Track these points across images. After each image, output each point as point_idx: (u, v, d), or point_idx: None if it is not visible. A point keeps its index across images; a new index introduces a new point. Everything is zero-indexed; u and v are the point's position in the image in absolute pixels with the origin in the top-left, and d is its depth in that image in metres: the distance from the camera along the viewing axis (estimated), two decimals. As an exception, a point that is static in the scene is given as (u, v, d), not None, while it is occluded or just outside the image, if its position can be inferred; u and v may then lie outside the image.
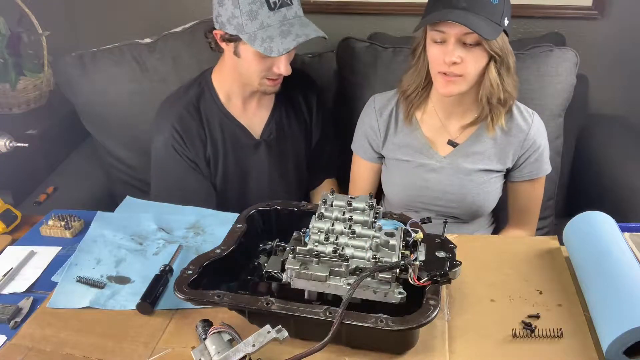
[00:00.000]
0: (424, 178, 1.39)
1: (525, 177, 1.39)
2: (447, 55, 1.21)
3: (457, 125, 1.38)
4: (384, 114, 1.43)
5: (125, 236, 1.19)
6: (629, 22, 1.82)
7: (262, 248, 1.08)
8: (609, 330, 0.84)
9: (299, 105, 1.54)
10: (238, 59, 1.35)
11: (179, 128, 1.41)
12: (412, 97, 1.37)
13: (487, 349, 0.89)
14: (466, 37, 1.19)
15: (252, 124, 1.48)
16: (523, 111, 1.37)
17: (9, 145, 1.30)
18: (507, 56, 1.24)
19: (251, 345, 0.80)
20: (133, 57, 1.71)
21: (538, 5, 1.84)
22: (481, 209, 1.40)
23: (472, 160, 1.37)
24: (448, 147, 1.38)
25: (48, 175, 1.80)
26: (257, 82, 1.37)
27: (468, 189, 1.37)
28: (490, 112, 1.31)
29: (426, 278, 0.87)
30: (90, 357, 0.91)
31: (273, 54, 1.26)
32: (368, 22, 1.94)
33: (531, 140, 1.35)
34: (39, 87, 1.95)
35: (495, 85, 1.25)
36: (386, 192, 1.49)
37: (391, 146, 1.43)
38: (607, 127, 1.85)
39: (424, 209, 1.43)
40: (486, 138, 1.36)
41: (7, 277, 1.09)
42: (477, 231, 1.48)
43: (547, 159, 1.40)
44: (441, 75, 1.24)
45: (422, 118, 1.40)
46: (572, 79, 1.60)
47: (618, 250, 0.98)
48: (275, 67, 1.33)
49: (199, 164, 1.44)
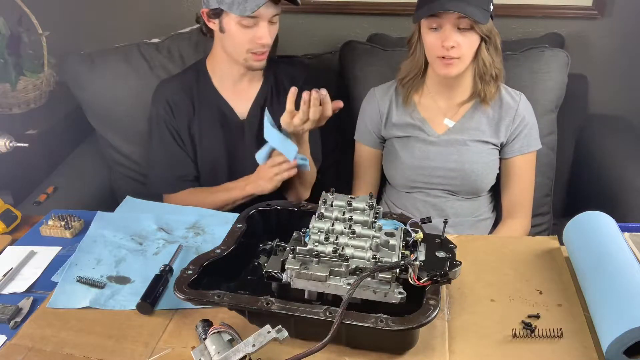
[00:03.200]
0: (423, 150, 1.49)
1: (516, 152, 1.48)
2: (445, 40, 1.32)
3: (452, 104, 1.49)
4: (385, 99, 1.54)
5: (125, 236, 1.19)
6: (629, 22, 1.82)
7: (262, 248, 1.08)
8: (609, 330, 0.84)
9: (285, 90, 1.57)
10: (224, 35, 1.42)
11: (171, 102, 1.54)
12: (410, 82, 1.49)
13: (487, 349, 0.90)
14: (460, 22, 1.32)
15: (240, 105, 1.55)
16: (511, 91, 1.50)
17: (9, 145, 1.30)
18: (494, 37, 1.39)
19: (251, 345, 0.80)
20: (141, 55, 1.77)
21: (538, 5, 1.84)
22: (480, 181, 1.48)
23: (468, 134, 1.48)
24: (444, 125, 1.49)
25: (48, 175, 1.79)
26: (242, 57, 1.43)
27: (467, 157, 1.46)
28: (483, 88, 1.43)
29: (426, 278, 0.87)
30: (90, 357, 0.91)
31: (247, 12, 1.32)
32: (368, 23, 1.94)
33: (520, 115, 1.47)
34: (39, 87, 1.94)
35: (488, 63, 1.39)
36: (388, 174, 1.56)
37: (391, 126, 1.53)
38: (607, 127, 1.85)
39: (425, 183, 1.50)
40: (480, 115, 1.47)
41: (7, 277, 1.09)
42: (478, 211, 1.52)
43: (536, 136, 1.50)
44: (440, 59, 1.36)
45: (420, 100, 1.51)
46: (563, 77, 1.66)
47: (618, 250, 0.98)
48: (258, 38, 1.39)
49: (182, 136, 1.55)
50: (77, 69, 1.75)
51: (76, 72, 1.75)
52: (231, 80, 1.53)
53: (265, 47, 1.41)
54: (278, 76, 1.58)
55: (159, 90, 1.57)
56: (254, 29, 1.38)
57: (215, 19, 1.40)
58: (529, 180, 1.52)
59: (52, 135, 1.89)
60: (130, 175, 1.84)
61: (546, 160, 1.66)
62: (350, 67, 1.77)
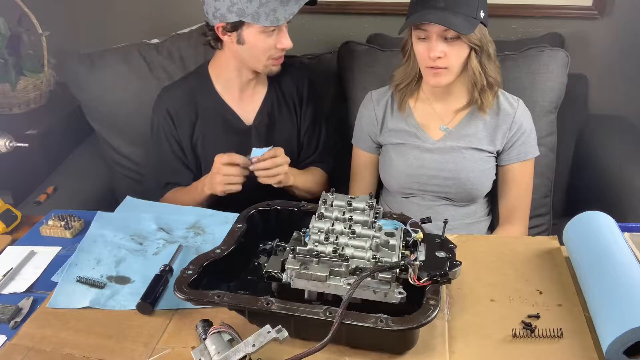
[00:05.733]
0: (419, 157, 1.47)
1: (513, 160, 1.46)
2: (431, 51, 1.32)
3: (448, 110, 1.47)
4: (381, 104, 1.53)
5: (125, 236, 1.19)
6: (629, 22, 1.82)
7: (262, 248, 1.08)
8: (609, 330, 0.84)
9: (290, 95, 1.60)
10: (242, 47, 1.41)
11: (171, 111, 1.53)
12: (405, 89, 1.47)
13: (487, 349, 0.90)
14: (446, 33, 1.30)
15: (245, 112, 1.55)
16: (509, 97, 1.47)
17: (9, 145, 1.30)
18: (486, 45, 1.35)
19: (251, 345, 0.80)
20: (141, 56, 1.77)
21: (538, 5, 1.84)
22: (476, 189, 1.46)
23: (464, 142, 1.45)
24: (440, 131, 1.47)
25: (48, 175, 1.79)
26: (263, 64, 1.44)
27: (462, 166, 1.44)
28: (479, 96, 1.41)
29: (426, 278, 0.87)
30: (90, 357, 0.91)
31: (280, 22, 1.35)
32: (368, 23, 1.94)
33: (518, 122, 1.44)
34: (39, 87, 1.94)
35: (478, 72, 1.37)
36: (384, 179, 1.54)
37: (387, 132, 1.51)
38: (607, 127, 1.85)
39: (421, 190, 1.48)
40: (476, 121, 1.45)
41: (7, 277, 1.09)
42: (474, 215, 1.52)
43: (534, 143, 1.48)
44: (429, 69, 1.35)
45: (415, 105, 1.50)
46: (562, 78, 1.65)
47: (618, 250, 0.98)
48: (279, 43, 1.40)
49: (183, 145, 1.54)
50: (77, 69, 1.75)
51: (76, 73, 1.76)
52: (237, 86, 1.52)
53: (285, 51, 1.43)
54: (282, 80, 1.57)
55: (160, 98, 1.56)
56: (274, 35, 1.39)
57: (233, 31, 1.39)
58: (526, 187, 1.50)
59: (52, 135, 1.89)
60: (130, 175, 1.85)
61: (546, 161, 1.65)
62: (348, 68, 1.77)
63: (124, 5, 2.08)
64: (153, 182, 1.59)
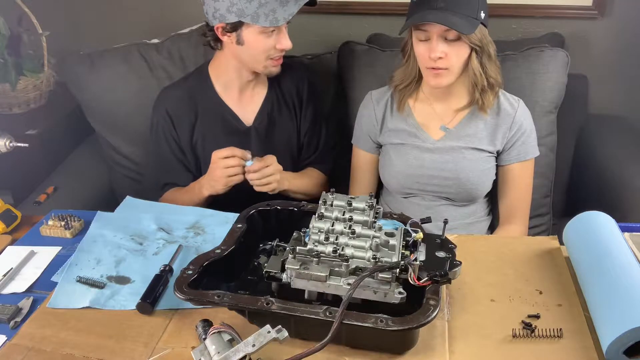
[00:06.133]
0: (419, 157, 1.47)
1: (513, 160, 1.46)
2: (431, 51, 1.32)
3: (449, 110, 1.47)
4: (381, 103, 1.53)
5: (125, 236, 1.19)
6: (629, 22, 1.82)
7: (262, 248, 1.08)
8: (609, 330, 0.84)
9: (290, 95, 1.60)
10: (241, 47, 1.41)
11: (171, 112, 1.53)
12: (404, 89, 1.48)
13: (487, 349, 0.90)
14: (447, 34, 1.30)
15: (245, 113, 1.55)
16: (509, 97, 1.47)
17: (9, 145, 1.30)
18: (487, 46, 1.36)
19: (251, 345, 0.80)
20: (141, 56, 1.77)
21: (538, 5, 1.84)
22: (476, 189, 1.46)
23: (464, 142, 1.45)
24: (440, 131, 1.47)
25: (48, 175, 1.79)
26: (262, 65, 1.44)
27: (462, 166, 1.44)
28: (480, 96, 1.41)
29: (426, 278, 0.87)
30: (90, 357, 0.91)
31: (280, 23, 1.35)
32: (368, 23, 1.94)
33: (518, 122, 1.44)
34: (39, 87, 1.94)
35: (478, 73, 1.37)
36: (384, 179, 1.54)
37: (387, 132, 1.51)
38: (607, 127, 1.85)
39: (421, 190, 1.48)
40: (477, 121, 1.45)
41: (7, 277, 1.09)
42: (474, 215, 1.52)
43: (534, 143, 1.48)
44: (429, 70, 1.35)
45: (415, 105, 1.50)
46: (562, 77, 1.65)
47: (618, 250, 0.98)
48: (279, 44, 1.40)
49: (183, 146, 1.54)
50: (77, 69, 1.75)
51: (76, 73, 1.76)
52: (237, 87, 1.52)
53: (285, 51, 1.43)
54: (282, 80, 1.57)
55: (160, 99, 1.57)
56: (274, 36, 1.39)
57: (233, 32, 1.39)
58: (526, 187, 1.50)
59: (52, 135, 1.89)
60: (130, 175, 1.85)
61: (546, 161, 1.65)
62: (348, 68, 1.77)
63: (124, 5, 2.08)
64: (152, 182, 1.59)
